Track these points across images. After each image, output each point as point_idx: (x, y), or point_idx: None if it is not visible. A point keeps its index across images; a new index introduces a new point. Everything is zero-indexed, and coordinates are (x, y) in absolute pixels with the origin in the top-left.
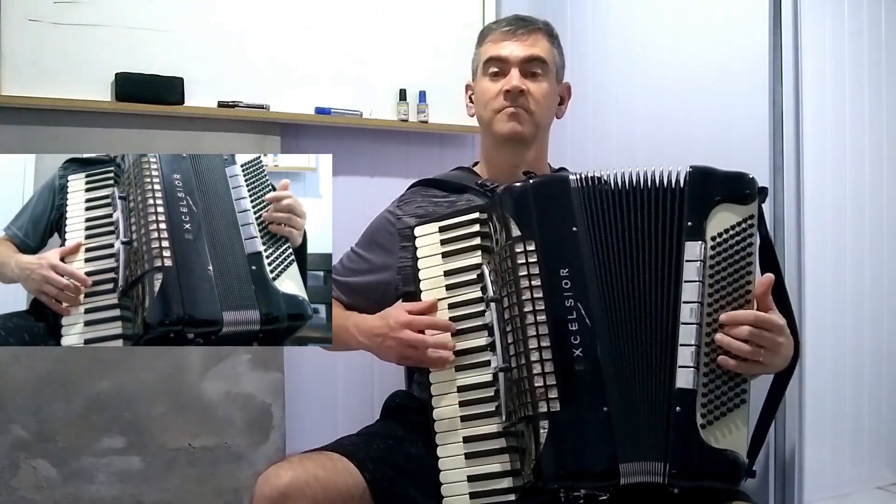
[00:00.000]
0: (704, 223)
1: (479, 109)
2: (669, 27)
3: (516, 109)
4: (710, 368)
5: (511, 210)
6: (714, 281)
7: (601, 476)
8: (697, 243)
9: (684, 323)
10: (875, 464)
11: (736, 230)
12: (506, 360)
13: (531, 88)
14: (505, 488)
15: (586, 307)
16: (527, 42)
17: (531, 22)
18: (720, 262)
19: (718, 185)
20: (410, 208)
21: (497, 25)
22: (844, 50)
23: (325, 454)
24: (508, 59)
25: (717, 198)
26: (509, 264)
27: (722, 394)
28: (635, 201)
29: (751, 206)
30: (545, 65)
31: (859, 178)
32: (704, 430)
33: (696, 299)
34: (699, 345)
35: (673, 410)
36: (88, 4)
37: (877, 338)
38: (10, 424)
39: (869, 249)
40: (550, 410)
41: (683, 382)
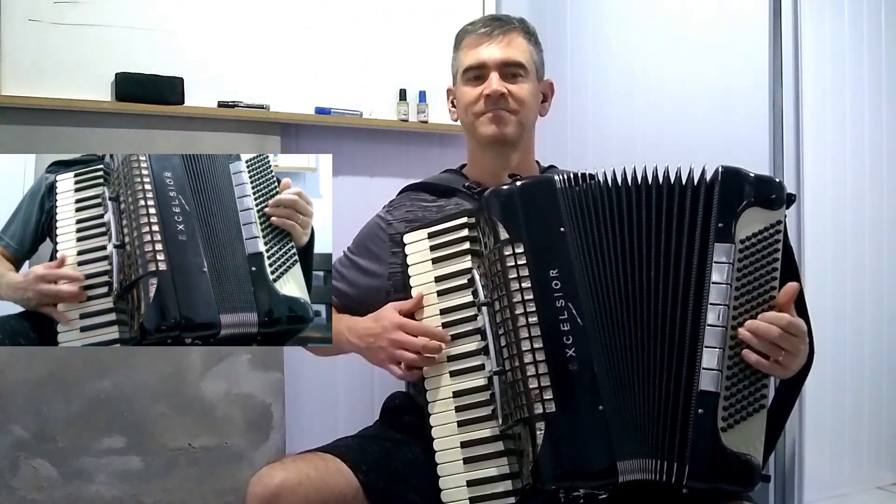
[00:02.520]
0: (734, 225)
1: (461, 114)
2: (670, 27)
3: (499, 112)
4: (732, 372)
5: (498, 213)
6: (740, 284)
7: (599, 475)
8: (728, 245)
9: (710, 325)
10: (875, 464)
11: (764, 234)
12: (499, 364)
13: (512, 90)
14: (504, 491)
15: (577, 307)
16: (503, 43)
17: (506, 21)
18: (747, 266)
19: (750, 187)
20: (400, 213)
21: (473, 27)
22: (844, 50)
23: (318, 455)
24: (487, 63)
25: (749, 200)
26: (499, 267)
27: (743, 398)
28: (638, 200)
29: (778, 212)
30: (524, 67)
31: (859, 178)
32: (725, 433)
33: (724, 302)
34: (724, 347)
35: (694, 412)
36: (88, 4)
37: (877, 338)
38: (10, 424)
39: (869, 249)
40: (546, 411)
41: (707, 385)
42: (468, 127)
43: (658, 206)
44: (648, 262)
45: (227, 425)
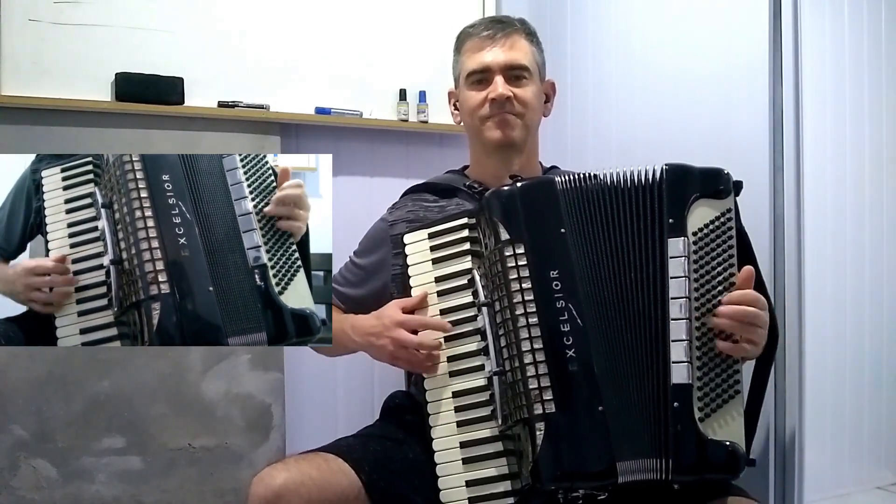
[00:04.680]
0: (685, 219)
1: (466, 118)
2: (669, 27)
3: (505, 116)
4: (702, 362)
5: (499, 214)
6: (699, 276)
7: (599, 476)
8: (680, 239)
9: (674, 319)
10: (875, 464)
11: (715, 224)
12: (499, 364)
13: (517, 93)
14: (503, 492)
15: (577, 308)
16: (506, 46)
17: (508, 23)
18: (703, 257)
19: (695, 181)
20: (402, 213)
21: (474, 30)
22: (844, 50)
23: (320, 455)
24: (491, 66)
25: (695, 194)
26: (499, 268)
27: (716, 386)
28: (616, 201)
29: (727, 201)
30: (528, 70)
31: (859, 178)
32: (703, 423)
33: (684, 294)
34: (690, 339)
35: (671, 406)
36: (88, 4)
37: (877, 338)
38: (10, 424)
39: (869, 249)
40: (546, 412)
41: (679, 378)
42: (473, 131)
43: (628, 207)
44: (628, 263)
45: (227, 425)
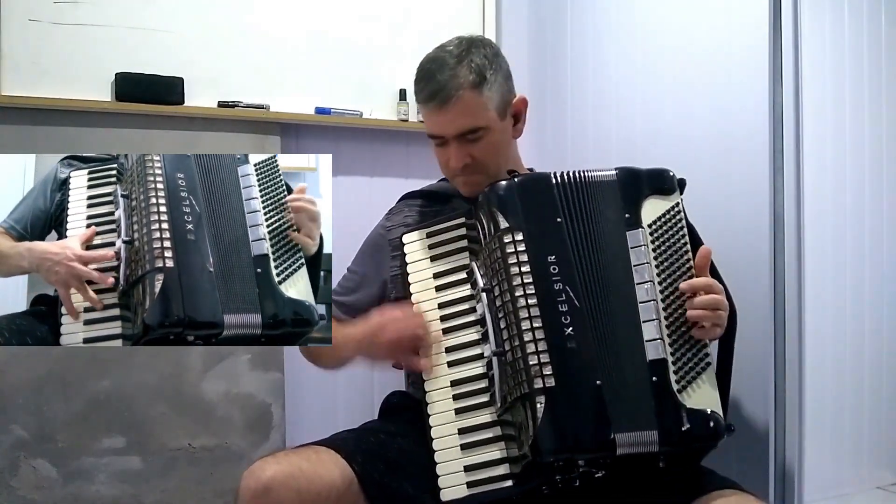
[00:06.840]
0: (639, 214)
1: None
2: (669, 27)
3: (468, 178)
4: (673, 339)
5: (498, 204)
6: (660, 262)
7: (598, 447)
8: (638, 230)
9: (642, 302)
10: (875, 464)
11: (666, 217)
12: (499, 345)
13: (474, 154)
14: (501, 475)
15: (574, 290)
16: (449, 115)
17: (448, 85)
18: (661, 245)
19: (644, 181)
20: (399, 219)
21: (419, 94)
22: (844, 50)
23: (312, 448)
24: (444, 135)
25: (646, 192)
26: (499, 254)
27: (689, 359)
28: (592, 197)
29: (674, 196)
30: (482, 127)
31: (859, 178)
32: (681, 393)
33: (648, 279)
34: (659, 318)
35: (651, 381)
36: (88, 4)
37: (877, 338)
38: (10, 424)
39: (869, 249)
40: (546, 386)
41: (654, 354)
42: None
43: (601, 203)
44: (608, 251)
45: (227, 425)
